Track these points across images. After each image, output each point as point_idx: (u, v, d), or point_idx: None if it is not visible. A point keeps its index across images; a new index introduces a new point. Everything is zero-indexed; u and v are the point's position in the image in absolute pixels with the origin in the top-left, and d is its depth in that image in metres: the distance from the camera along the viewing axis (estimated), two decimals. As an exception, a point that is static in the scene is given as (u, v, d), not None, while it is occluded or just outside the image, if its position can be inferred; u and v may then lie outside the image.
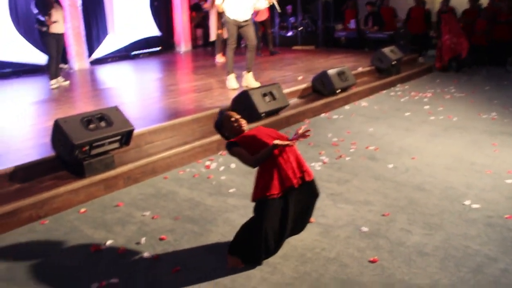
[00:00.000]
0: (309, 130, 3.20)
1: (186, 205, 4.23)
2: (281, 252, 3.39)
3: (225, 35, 10.78)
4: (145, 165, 4.84)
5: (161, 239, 3.65)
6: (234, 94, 6.44)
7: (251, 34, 7.36)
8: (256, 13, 10.86)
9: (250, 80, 7.56)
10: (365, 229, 3.74)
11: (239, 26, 7.26)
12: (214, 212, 4.09)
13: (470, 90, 9.03)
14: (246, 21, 7.26)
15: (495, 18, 11.80)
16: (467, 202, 4.19)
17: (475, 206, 4.13)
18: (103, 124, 4.54)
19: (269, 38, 11.85)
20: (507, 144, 5.81)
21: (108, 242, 3.62)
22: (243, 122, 3.40)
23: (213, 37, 10.86)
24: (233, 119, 3.39)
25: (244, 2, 7.13)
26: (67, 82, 8.37)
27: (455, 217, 3.95)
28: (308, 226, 3.71)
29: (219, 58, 10.77)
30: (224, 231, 3.75)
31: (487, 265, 3.27)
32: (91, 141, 4.36)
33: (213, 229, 3.79)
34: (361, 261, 3.32)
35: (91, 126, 4.45)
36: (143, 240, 3.63)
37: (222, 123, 3.43)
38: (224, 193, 4.47)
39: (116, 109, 4.78)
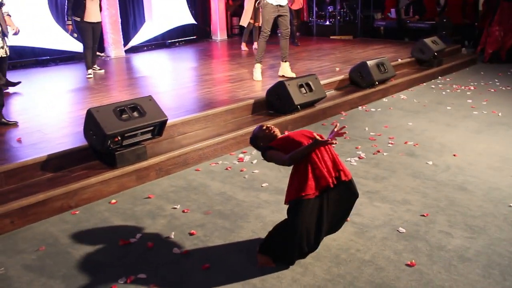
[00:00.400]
0: (344, 127, 3.08)
1: (217, 199, 4.14)
2: (313, 252, 3.26)
3: (258, 24, 10.67)
4: (177, 157, 4.77)
5: (191, 234, 3.57)
6: (269, 85, 6.30)
7: (287, 21, 7.20)
8: (292, 0, 10.66)
9: (286, 70, 7.40)
10: (402, 230, 3.56)
11: (278, 14, 7.08)
12: (245, 207, 3.98)
13: (517, 84, 8.61)
14: (284, 7, 7.08)
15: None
16: (512, 205, 3.96)
17: (521, 209, 3.90)
18: (136, 114, 4.49)
19: (293, 28, 11.59)
20: (556, 143, 5.49)
21: (138, 236, 3.56)
22: (274, 128, 3.31)
23: (244, 22, 10.74)
24: (264, 127, 3.31)
25: None
26: (102, 71, 8.41)
27: (499, 220, 3.73)
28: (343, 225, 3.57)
29: (244, 47, 10.69)
30: (256, 227, 3.65)
31: (535, 274, 3.06)
32: (123, 131, 4.31)
33: (244, 225, 3.69)
34: (398, 264, 3.15)
35: (124, 116, 4.40)
36: (172, 234, 3.56)
37: (256, 136, 3.33)
38: (257, 188, 4.36)
39: (149, 98, 4.72)
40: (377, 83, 7.50)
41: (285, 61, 7.42)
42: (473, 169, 4.72)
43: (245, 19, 10.70)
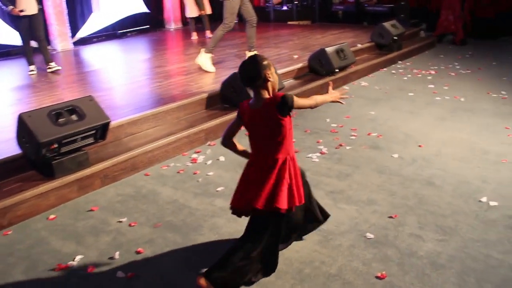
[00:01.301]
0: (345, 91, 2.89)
1: (168, 209, 3.76)
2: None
3: (208, 11, 10.24)
4: (124, 161, 4.36)
5: (137, 253, 3.19)
6: (223, 77, 5.92)
7: (251, 8, 6.86)
8: None
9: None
10: (370, 235, 3.28)
11: (241, 3, 6.68)
12: (199, 217, 3.62)
13: (476, 66, 8.50)
14: None
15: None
16: (483, 199, 3.74)
17: (492, 203, 3.68)
18: (74, 117, 4.05)
19: None
20: (521, 128, 5.34)
21: (78, 258, 3.16)
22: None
23: (192, 14, 10.28)
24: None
25: None
26: (59, 68, 7.62)
27: (471, 218, 3.50)
28: (306, 233, 3.27)
29: (195, 36, 10.27)
30: (210, 240, 3.30)
31: (513, 280, 2.83)
32: (60, 137, 3.87)
33: (198, 238, 3.33)
34: (367, 277, 2.87)
35: (61, 120, 3.96)
36: (117, 254, 3.17)
37: (261, 65, 2.63)
38: (211, 193, 4.00)
39: (90, 99, 4.27)
40: (337, 70, 7.21)
41: (253, 51, 7.02)
42: (439, 161, 4.49)
43: (191, 11, 10.24)
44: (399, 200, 3.78)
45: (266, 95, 2.67)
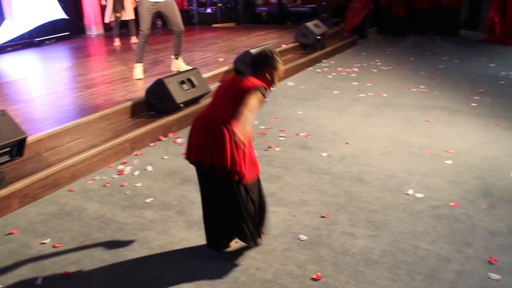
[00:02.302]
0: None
1: (95, 225, 3.58)
2: (207, 276, 2.87)
3: (124, 17, 9.98)
4: (45, 178, 4.10)
5: (64, 275, 3.00)
6: (148, 84, 5.75)
7: (175, 18, 6.43)
8: None
9: (180, 64, 6.82)
10: (304, 237, 3.27)
11: (157, 10, 6.32)
12: (128, 231, 3.47)
13: (396, 62, 8.83)
14: (163, 2, 6.29)
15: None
16: (410, 192, 3.85)
17: (418, 195, 3.80)
18: (-15, 134, 3.76)
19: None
20: (440, 120, 5.57)
21: (-5, 287, 2.93)
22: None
23: (108, 18, 10.02)
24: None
25: None
26: None
27: (399, 211, 3.58)
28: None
29: (118, 42, 10.01)
30: (141, 255, 3.16)
31: (441, 268, 2.92)
32: (-30, 157, 3.59)
33: (128, 254, 3.18)
34: (303, 280, 2.85)
35: (-30, 138, 3.66)
36: (40, 279, 2.96)
37: (271, 58, 2.93)
38: (140, 205, 3.85)
39: (2, 114, 3.98)
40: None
41: (178, 58, 6.86)
42: (367, 157, 4.59)
43: (108, 15, 9.95)
44: (330, 198, 3.81)
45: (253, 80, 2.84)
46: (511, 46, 10.24)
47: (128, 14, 10.03)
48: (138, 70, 6.69)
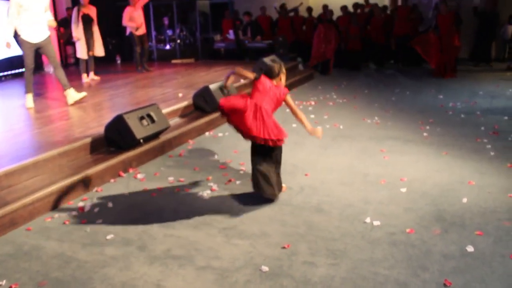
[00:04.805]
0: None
1: (54, 264, 3.51)
2: None
3: (97, 53, 10.02)
4: (1, 217, 4.01)
5: (21, 316, 2.94)
6: (107, 120, 5.75)
7: (49, 51, 7.28)
8: (136, 27, 10.26)
9: (73, 95, 7.43)
10: (265, 268, 3.31)
11: (37, 47, 7.15)
12: (89, 269, 3.42)
13: (351, 95, 9.12)
14: (41, 42, 7.12)
15: (367, 23, 12.38)
16: (367, 220, 3.97)
17: (376, 223, 3.91)
18: None
19: (137, 56, 11.00)
20: (394, 150, 5.78)
21: (-51, 331, 2.83)
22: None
23: (83, 54, 10.01)
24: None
25: (37, 19, 7.03)
26: None
27: (358, 239, 3.68)
28: (201, 272, 3.24)
29: (85, 78, 9.99)
30: (102, 293, 3.13)
31: (399, 294, 3.01)
32: None
33: (88, 292, 3.15)
34: (266, 310, 2.88)
35: None
36: (-4, 321, 2.90)
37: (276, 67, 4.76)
38: (101, 242, 3.81)
39: (-43, 153, 3.92)
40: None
41: (67, 89, 7.41)
42: (325, 187, 4.71)
43: (83, 51, 9.90)
44: (290, 229, 3.88)
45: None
46: (454, 78, 10.75)
47: (98, 51, 10.04)
48: (28, 100, 7.48)
